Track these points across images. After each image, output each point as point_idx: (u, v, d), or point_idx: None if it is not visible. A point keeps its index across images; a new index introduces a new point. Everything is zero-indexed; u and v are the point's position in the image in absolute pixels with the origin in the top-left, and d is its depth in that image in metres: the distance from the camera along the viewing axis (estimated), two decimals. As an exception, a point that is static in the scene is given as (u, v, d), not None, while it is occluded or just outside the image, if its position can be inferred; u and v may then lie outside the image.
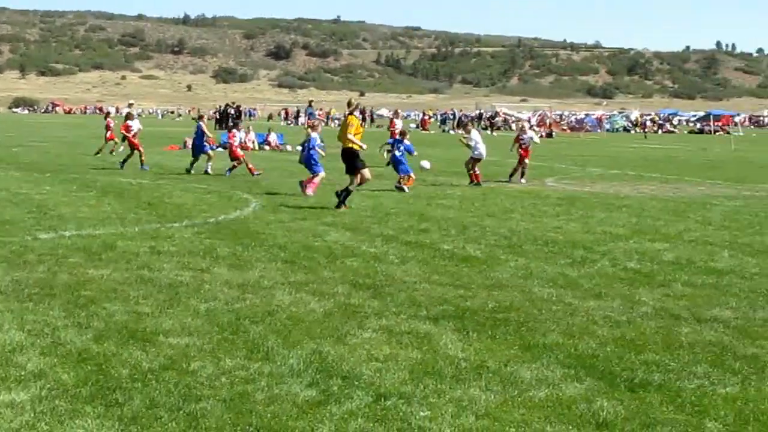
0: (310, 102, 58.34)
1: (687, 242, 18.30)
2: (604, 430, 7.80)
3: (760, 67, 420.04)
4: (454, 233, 19.05)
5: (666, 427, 7.82)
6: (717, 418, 8.03)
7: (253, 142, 53.85)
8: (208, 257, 15.67)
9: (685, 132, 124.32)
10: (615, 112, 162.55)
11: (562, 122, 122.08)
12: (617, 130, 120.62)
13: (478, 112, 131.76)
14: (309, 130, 28.59)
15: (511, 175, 33.25)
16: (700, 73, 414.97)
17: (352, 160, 23.25)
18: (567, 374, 9.23)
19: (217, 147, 54.85)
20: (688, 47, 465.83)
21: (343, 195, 22.91)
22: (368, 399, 8.40)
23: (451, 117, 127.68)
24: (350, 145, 23.22)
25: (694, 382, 9.02)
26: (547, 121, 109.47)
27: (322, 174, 26.86)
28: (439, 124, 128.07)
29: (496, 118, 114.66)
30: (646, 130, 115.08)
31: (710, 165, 45.59)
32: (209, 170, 33.89)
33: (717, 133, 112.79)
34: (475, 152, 31.63)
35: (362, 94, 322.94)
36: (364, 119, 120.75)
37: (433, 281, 13.93)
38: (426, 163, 31.20)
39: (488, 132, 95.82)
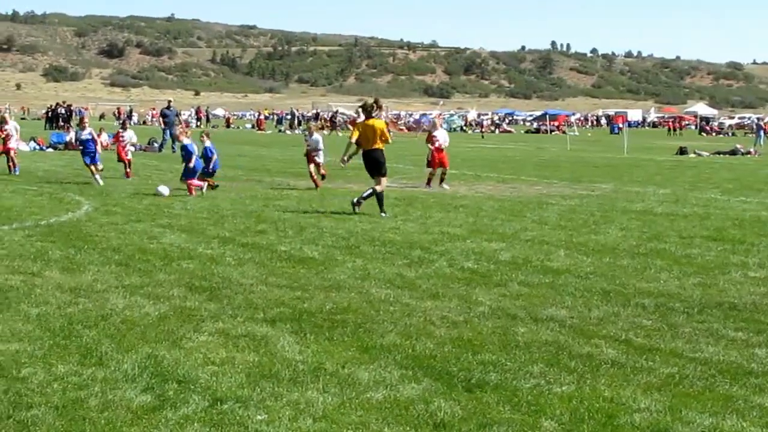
0: (170, 102, 57.08)
1: (523, 242, 18.54)
2: (441, 430, 7.82)
3: (594, 67, 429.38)
4: (292, 234, 19.00)
5: (502, 427, 7.88)
6: (553, 417, 8.13)
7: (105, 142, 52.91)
8: (40, 261, 15.34)
9: (522, 132, 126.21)
10: (452, 112, 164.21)
11: (399, 122, 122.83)
12: (454, 129, 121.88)
13: (315, 111, 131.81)
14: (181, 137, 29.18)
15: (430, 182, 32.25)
16: (535, 72, 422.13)
17: (380, 163, 22.93)
18: (405, 375, 9.25)
19: (47, 147, 54.03)
20: (523, 47, 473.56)
21: (377, 199, 22.55)
22: (204, 403, 8.31)
23: (288, 117, 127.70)
24: (378, 146, 22.85)
25: (530, 381, 9.11)
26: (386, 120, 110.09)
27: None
28: (275, 124, 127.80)
29: (337, 118, 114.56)
30: (483, 130, 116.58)
31: (546, 164, 46.27)
32: None
33: (553, 133, 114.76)
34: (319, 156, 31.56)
35: (197, 94, 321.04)
36: (198, 119, 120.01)
37: (271, 283, 13.87)
38: (164, 189, 27.33)
39: (326, 132, 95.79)
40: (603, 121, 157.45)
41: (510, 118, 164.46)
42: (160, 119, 56.87)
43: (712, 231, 20.46)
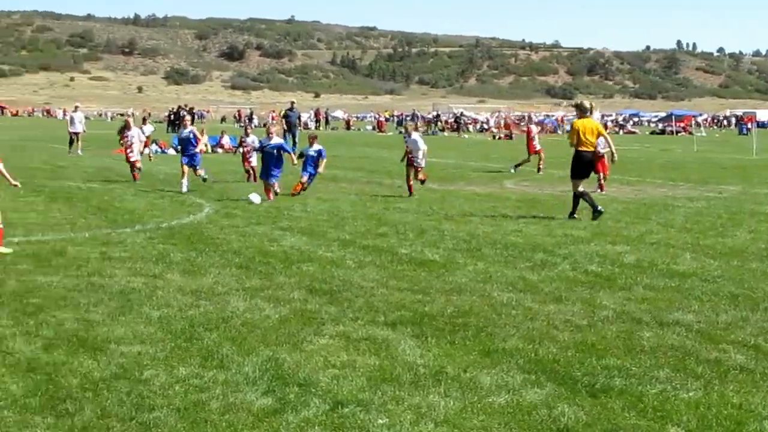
0: (293, 104, 57.45)
1: (649, 245, 18.22)
2: (565, 436, 7.69)
3: (721, 67, 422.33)
4: (412, 237, 18.91)
5: (628, 433, 7.72)
6: (679, 423, 7.94)
7: (206, 145, 53.48)
8: (161, 263, 15.47)
9: (647, 133, 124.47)
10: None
11: (521, 123, 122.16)
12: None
13: (435, 113, 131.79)
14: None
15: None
16: (660, 72, 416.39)
17: (589, 165, 23.01)
18: (527, 380, 9.10)
19: (169, 150, 54.69)
20: (648, 47, 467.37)
21: (587, 201, 22.46)
22: (325, 407, 8.26)
23: (408, 118, 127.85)
24: (588, 149, 22.89)
25: (656, 386, 8.91)
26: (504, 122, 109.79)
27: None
28: (395, 125, 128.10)
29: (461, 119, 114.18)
30: (607, 131, 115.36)
31: (672, 166, 45.54)
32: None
33: (679, 134, 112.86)
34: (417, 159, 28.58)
35: (317, 96, 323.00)
36: (317, 121, 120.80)
37: (391, 286, 13.79)
38: (255, 197, 25.72)
39: (445, 134, 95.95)
40: (732, 121, 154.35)
41: (634, 119, 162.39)
42: (282, 121, 57.03)
43: None
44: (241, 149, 34.68)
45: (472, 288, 13.71)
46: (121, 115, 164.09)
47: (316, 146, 28.60)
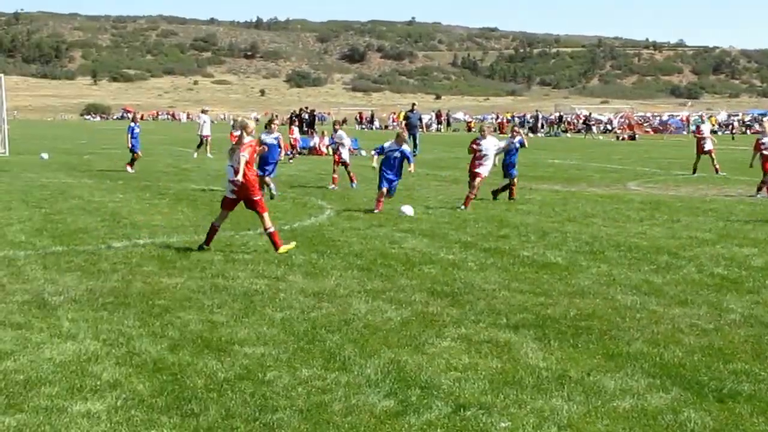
0: (413, 105, 57.48)
1: (777, 247, 17.90)
2: (692, 442, 7.58)
3: None
4: (534, 239, 18.80)
5: (758, 440, 7.57)
6: (811, 431, 7.76)
7: (327, 147, 53.77)
8: (283, 265, 15.58)
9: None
10: (701, 113, 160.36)
11: (645, 124, 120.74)
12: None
13: (558, 114, 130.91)
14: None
15: None
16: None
17: None
18: (652, 384, 8.99)
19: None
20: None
21: None
22: (447, 409, 8.25)
23: (531, 120, 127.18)
24: None
25: (786, 393, 8.71)
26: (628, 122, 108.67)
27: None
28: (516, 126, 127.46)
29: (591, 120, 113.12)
30: (734, 131, 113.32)
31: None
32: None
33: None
34: (483, 166, 25.50)
35: (438, 97, 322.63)
36: (439, 123, 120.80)
37: (513, 288, 13.72)
38: (407, 209, 23.38)
39: (568, 135, 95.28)
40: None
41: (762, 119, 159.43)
42: (402, 123, 57.04)
43: None
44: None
45: (595, 291, 13.59)
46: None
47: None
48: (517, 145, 28.03)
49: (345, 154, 31.55)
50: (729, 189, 31.76)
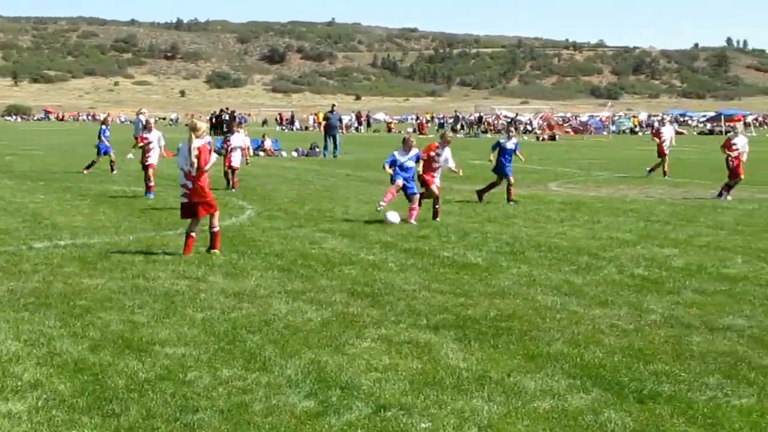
0: (333, 107, 57.32)
1: (697, 247, 18.13)
2: (612, 442, 7.64)
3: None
4: (455, 240, 18.88)
5: (677, 440, 7.66)
6: (731, 431, 7.86)
7: (248, 148, 53.56)
8: (204, 266, 15.52)
9: (695, 133, 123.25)
10: (621, 114, 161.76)
11: (565, 124, 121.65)
12: (624, 132, 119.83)
13: (477, 115, 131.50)
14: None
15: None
16: (709, 71, 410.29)
17: None
18: (573, 385, 9.06)
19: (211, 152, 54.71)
20: (696, 45, 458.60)
21: None
22: (368, 410, 8.26)
23: (451, 121, 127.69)
24: None
25: (706, 393, 8.83)
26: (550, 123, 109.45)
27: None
28: (436, 127, 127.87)
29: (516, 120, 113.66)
30: (653, 131, 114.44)
31: (721, 167, 45.01)
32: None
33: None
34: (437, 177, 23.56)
35: (358, 98, 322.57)
36: (359, 124, 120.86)
37: (433, 289, 13.77)
38: (393, 216, 21.65)
39: (488, 136, 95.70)
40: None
41: (682, 119, 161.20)
42: (322, 123, 56.95)
43: None
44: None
45: (516, 291, 13.67)
46: (163, 118, 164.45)
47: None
48: (513, 147, 28.01)
49: (236, 160, 30.84)
50: (650, 189, 32.11)
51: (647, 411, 8.32)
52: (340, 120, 60.52)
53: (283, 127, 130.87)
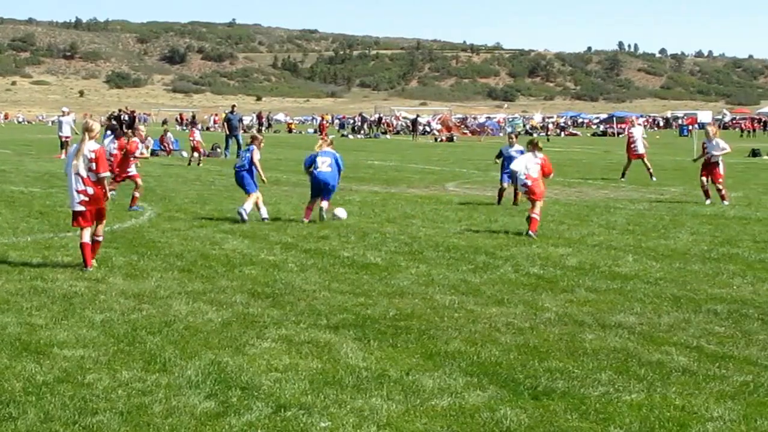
0: (233, 107, 56.97)
1: (590, 247, 18.38)
2: (508, 438, 7.75)
3: (663, 68, 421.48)
4: (354, 240, 18.94)
5: (570, 435, 7.80)
6: (622, 426, 8.02)
7: (147, 149, 53.10)
8: (103, 267, 15.40)
9: (588, 134, 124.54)
10: (516, 115, 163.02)
11: (462, 126, 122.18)
12: (519, 133, 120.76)
13: (378, 116, 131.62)
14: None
15: None
16: (602, 74, 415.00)
17: None
18: (470, 382, 9.16)
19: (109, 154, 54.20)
20: (589, 48, 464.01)
21: None
22: (268, 410, 8.29)
23: (351, 121, 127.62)
24: None
25: (598, 389, 9.00)
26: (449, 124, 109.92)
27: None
28: (337, 128, 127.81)
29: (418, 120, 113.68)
30: (549, 133, 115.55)
31: (613, 168, 45.53)
32: None
33: (620, 136, 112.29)
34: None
35: (259, 99, 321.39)
36: (260, 124, 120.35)
37: (333, 289, 13.82)
38: (340, 212, 22.61)
39: (388, 136, 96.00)
40: (668, 123, 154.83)
41: (576, 121, 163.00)
42: (224, 124, 56.61)
43: (786, 235, 20.14)
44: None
45: (414, 291, 13.77)
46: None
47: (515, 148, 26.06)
48: (517, 154, 27.76)
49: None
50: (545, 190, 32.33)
51: (542, 407, 8.46)
52: (241, 120, 60.15)
53: (185, 128, 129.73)
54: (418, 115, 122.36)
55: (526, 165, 20.45)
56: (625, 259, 16.92)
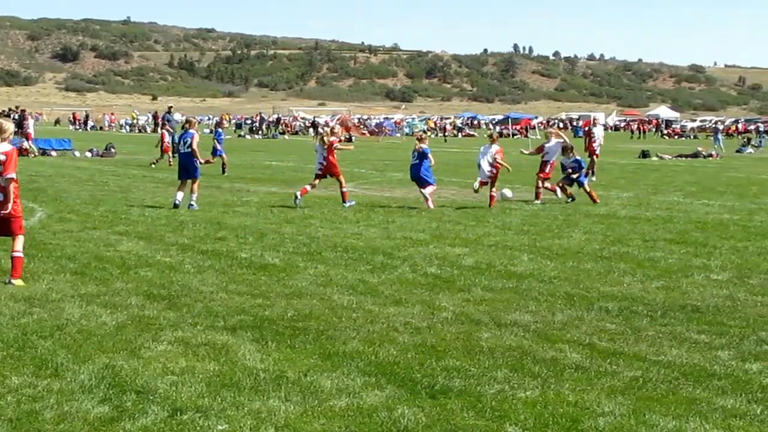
0: (170, 108, 56.51)
1: (487, 247, 18.48)
2: (406, 438, 7.74)
3: (557, 70, 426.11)
4: (252, 241, 18.84)
5: (467, 433, 7.80)
6: (517, 423, 8.06)
7: (30, 147, 52.52)
8: (-7, 269, 15.10)
9: (485, 135, 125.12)
10: (414, 116, 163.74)
11: (361, 126, 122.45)
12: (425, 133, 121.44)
13: (276, 116, 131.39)
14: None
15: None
16: (498, 76, 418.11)
17: None
18: (367, 382, 9.14)
19: None
20: (485, 50, 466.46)
21: None
22: (164, 414, 8.18)
23: (248, 122, 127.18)
24: None
25: (494, 387, 9.04)
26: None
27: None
28: (234, 128, 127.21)
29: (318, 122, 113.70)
30: (446, 133, 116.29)
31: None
32: None
33: (515, 137, 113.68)
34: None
35: (155, 98, 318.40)
36: (156, 124, 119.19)
37: (231, 291, 13.72)
38: (508, 192, 28.46)
39: (286, 137, 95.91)
40: (565, 124, 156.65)
41: (472, 122, 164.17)
42: (164, 124, 55.74)
43: (674, 234, 20.51)
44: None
45: (312, 291, 13.73)
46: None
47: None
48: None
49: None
50: (442, 190, 32.47)
51: (439, 406, 8.46)
52: (177, 121, 59.68)
53: (78, 127, 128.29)
54: (315, 116, 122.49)
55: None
56: (520, 258, 17.04)
